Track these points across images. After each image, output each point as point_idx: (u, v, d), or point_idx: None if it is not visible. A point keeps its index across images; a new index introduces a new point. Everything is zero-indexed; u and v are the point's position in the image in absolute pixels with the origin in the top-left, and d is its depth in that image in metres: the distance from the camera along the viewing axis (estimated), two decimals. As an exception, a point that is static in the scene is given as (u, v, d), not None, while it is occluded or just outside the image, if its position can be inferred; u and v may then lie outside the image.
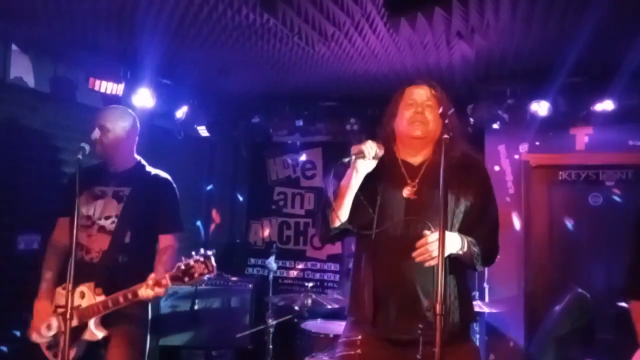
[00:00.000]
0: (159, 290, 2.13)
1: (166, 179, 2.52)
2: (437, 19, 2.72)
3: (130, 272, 2.25)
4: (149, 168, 2.54)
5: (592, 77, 3.62)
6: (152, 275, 2.15)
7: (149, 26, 2.87)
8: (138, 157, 2.54)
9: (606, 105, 3.65)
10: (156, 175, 2.51)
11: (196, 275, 2.09)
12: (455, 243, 1.77)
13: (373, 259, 1.90)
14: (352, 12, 2.70)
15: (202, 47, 3.24)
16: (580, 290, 3.55)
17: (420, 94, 1.95)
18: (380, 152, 1.89)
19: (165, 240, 2.43)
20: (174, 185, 2.52)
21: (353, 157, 1.85)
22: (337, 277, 5.10)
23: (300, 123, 4.54)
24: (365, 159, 1.85)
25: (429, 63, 3.44)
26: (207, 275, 2.11)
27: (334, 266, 5.13)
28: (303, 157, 5.33)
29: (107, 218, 2.36)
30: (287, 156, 5.38)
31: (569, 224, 4.33)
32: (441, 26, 2.82)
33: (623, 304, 3.33)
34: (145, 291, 2.12)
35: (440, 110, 1.86)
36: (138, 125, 2.54)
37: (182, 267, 2.09)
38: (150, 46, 3.16)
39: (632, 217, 4.06)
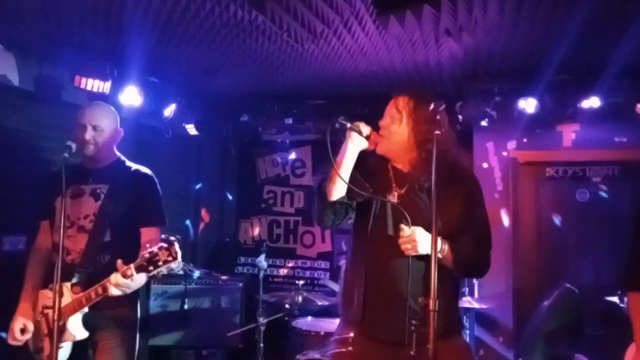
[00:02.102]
0: (123, 280, 2.04)
1: (146, 174, 2.46)
2: (426, 16, 2.73)
3: (114, 270, 2.20)
4: (129, 163, 2.48)
5: (579, 75, 3.65)
6: (118, 266, 2.09)
7: (136, 24, 2.84)
8: (118, 154, 2.50)
9: (592, 102, 3.69)
10: (136, 171, 2.45)
11: (160, 263, 2.00)
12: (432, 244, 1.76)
13: (364, 259, 1.91)
14: (341, 9, 2.69)
15: (190, 45, 3.22)
16: (568, 285, 3.58)
17: (389, 108, 1.97)
18: (375, 137, 1.92)
19: (148, 234, 2.36)
20: (155, 180, 2.47)
21: (348, 125, 1.87)
22: (327, 274, 5.11)
23: (289, 121, 4.53)
24: (361, 135, 1.88)
25: (418, 61, 3.45)
26: (172, 263, 2.01)
27: (324, 264, 5.13)
28: (292, 156, 5.32)
29: (85, 217, 2.31)
30: (277, 154, 5.37)
31: (557, 220, 4.37)
32: (430, 24, 2.83)
33: (611, 299, 3.39)
34: (112, 283, 2.06)
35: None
36: (119, 122, 2.50)
37: (147, 255, 2.02)
38: (138, 44, 3.13)
39: (618, 212, 4.13)
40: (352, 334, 1.91)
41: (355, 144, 1.90)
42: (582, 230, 4.28)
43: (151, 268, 2.02)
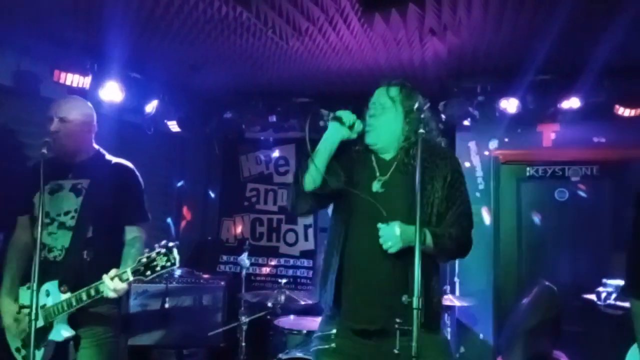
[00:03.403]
0: (121, 285, 2.02)
1: (128, 167, 2.41)
2: (410, 15, 2.74)
3: (98, 267, 2.15)
4: (109, 157, 2.43)
5: (559, 76, 3.71)
6: (114, 270, 2.06)
7: (117, 18, 2.79)
8: (97, 147, 2.44)
9: (572, 103, 3.75)
10: (117, 164, 2.40)
11: (158, 268, 1.99)
12: (414, 237, 1.75)
13: (341, 252, 1.90)
14: (326, 7, 2.69)
15: (173, 41, 3.18)
16: (547, 283, 3.64)
17: (380, 97, 1.96)
18: (358, 127, 1.89)
19: (132, 232, 2.32)
20: (137, 174, 2.42)
21: (331, 115, 1.87)
22: (310, 273, 5.10)
23: (273, 119, 4.51)
24: (342, 124, 1.86)
25: (402, 59, 3.46)
26: (170, 268, 2.01)
27: (307, 262, 5.12)
28: (276, 154, 5.30)
29: (66, 214, 2.26)
30: (260, 152, 5.34)
31: (537, 218, 4.44)
32: (415, 23, 2.84)
33: (589, 296, 3.45)
34: (107, 286, 2.03)
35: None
36: (95, 115, 2.44)
37: (144, 260, 2.00)
38: (119, 39, 3.08)
39: (596, 211, 4.21)
40: (334, 331, 1.90)
41: (336, 134, 1.89)
42: (561, 228, 4.35)
43: (148, 273, 2.01)
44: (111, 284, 2.02)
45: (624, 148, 4.02)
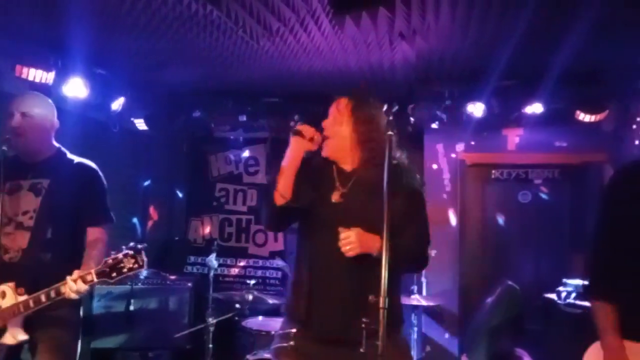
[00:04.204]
0: (83, 287, 1.97)
1: (91, 167, 2.35)
2: (381, 18, 2.77)
3: (56, 269, 2.09)
4: (70, 156, 2.36)
5: (523, 81, 3.82)
6: (76, 271, 2.01)
7: (82, 13, 2.72)
8: (58, 145, 2.37)
9: (535, 108, 3.87)
10: (80, 164, 2.34)
11: (125, 270, 1.96)
12: (373, 244, 1.79)
13: (307, 261, 1.94)
14: (298, 7, 2.69)
15: (140, 37, 3.12)
16: (510, 282, 3.74)
17: (331, 110, 2.00)
18: (318, 138, 1.94)
19: (94, 233, 2.26)
20: (100, 174, 2.36)
21: (292, 131, 1.92)
22: (280, 274, 5.09)
23: (243, 118, 4.48)
24: (304, 139, 1.91)
25: (372, 62, 3.50)
26: (137, 271, 1.99)
27: (276, 263, 5.10)
28: (246, 153, 5.26)
29: (24, 214, 2.19)
30: (230, 152, 5.29)
31: (501, 220, 4.55)
32: (385, 26, 2.87)
33: (550, 295, 3.56)
34: (68, 288, 1.98)
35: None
36: (56, 113, 2.37)
37: (110, 261, 1.96)
38: (84, 34, 3.00)
39: (557, 213, 4.35)
40: (294, 329, 1.92)
41: (298, 148, 1.93)
42: (524, 229, 4.48)
43: (114, 275, 1.97)
44: (74, 286, 1.96)
45: (584, 152, 4.17)
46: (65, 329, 2.22)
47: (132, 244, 2.00)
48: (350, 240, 1.78)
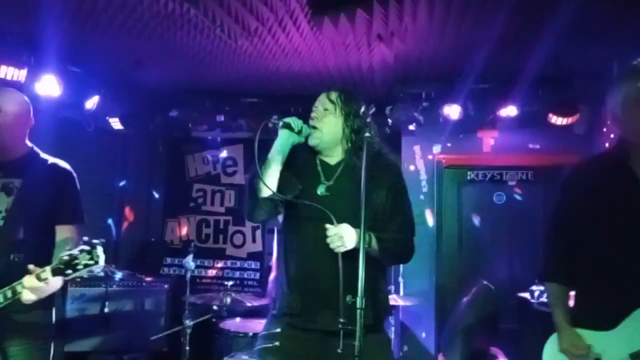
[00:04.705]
0: (37, 284, 1.91)
1: (64, 169, 2.30)
2: (359, 20, 2.79)
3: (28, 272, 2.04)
4: (44, 156, 2.31)
5: (498, 85, 3.89)
6: (31, 267, 1.94)
7: (56, 9, 2.67)
8: (30, 144, 2.31)
9: (510, 111, 3.94)
10: (53, 164, 2.28)
11: (80, 267, 1.89)
12: (358, 239, 1.81)
13: (292, 255, 1.94)
14: (276, 8, 2.69)
15: (117, 35, 3.07)
16: (485, 282, 3.80)
17: (322, 100, 2.03)
18: (306, 131, 1.96)
19: (63, 232, 2.20)
20: (74, 175, 2.31)
21: (281, 123, 1.92)
22: (258, 275, 5.07)
23: (221, 118, 4.45)
24: (292, 131, 1.93)
25: (351, 63, 3.52)
26: (93, 268, 1.91)
27: (254, 264, 5.08)
28: (224, 154, 5.23)
29: None
30: (207, 152, 5.25)
31: (476, 220, 4.62)
32: (363, 28, 2.89)
33: (523, 295, 3.63)
34: (24, 286, 1.92)
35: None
36: (31, 109, 2.32)
37: (65, 257, 1.90)
38: (58, 31, 2.94)
39: (531, 214, 4.44)
40: (279, 330, 1.92)
41: (286, 140, 1.95)
42: (499, 230, 4.56)
43: (69, 272, 1.90)
44: (27, 282, 1.91)
45: (557, 154, 4.26)
46: (36, 334, 2.16)
47: (86, 238, 1.94)
48: (339, 236, 1.78)
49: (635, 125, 1.70)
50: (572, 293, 1.91)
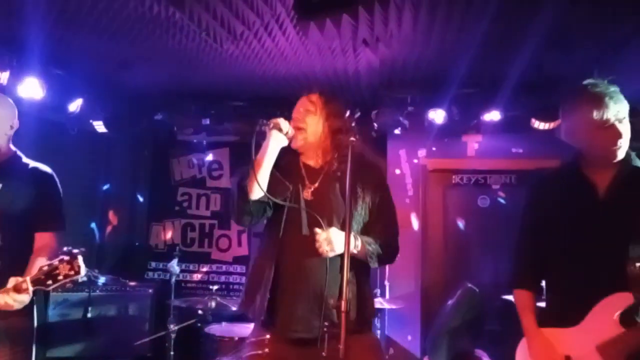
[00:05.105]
0: (19, 297, 1.90)
1: (46, 172, 2.27)
2: (344, 25, 2.80)
3: (7, 278, 2.01)
4: (26, 160, 2.28)
5: (481, 89, 3.94)
6: (12, 279, 1.92)
7: (39, 10, 2.63)
8: (14, 149, 2.28)
9: (493, 115, 3.99)
10: (35, 169, 2.26)
11: (61, 277, 1.89)
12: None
13: (275, 259, 1.92)
14: (262, 12, 2.69)
15: (101, 38, 3.04)
16: (470, 285, 3.84)
17: (303, 102, 2.05)
18: (292, 133, 1.97)
19: (42, 239, 2.18)
20: (56, 180, 2.29)
21: (271, 124, 1.93)
22: (244, 279, 5.04)
23: (207, 122, 4.42)
24: (280, 133, 1.93)
25: (337, 68, 3.53)
26: (74, 278, 1.91)
27: (240, 268, 5.06)
28: (210, 157, 5.20)
29: None
30: (193, 155, 5.22)
31: (461, 224, 4.67)
32: (348, 32, 2.91)
33: (507, 297, 3.67)
34: (3, 298, 1.89)
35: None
36: (16, 112, 2.29)
37: (46, 268, 1.89)
38: (41, 33, 2.91)
39: (514, 217, 4.49)
40: (268, 336, 1.90)
41: (276, 142, 1.94)
42: (483, 233, 4.61)
43: (50, 282, 1.89)
44: (5, 295, 1.88)
45: (539, 158, 4.33)
46: (17, 340, 2.12)
47: (66, 248, 1.93)
48: (328, 241, 1.79)
49: (596, 145, 1.79)
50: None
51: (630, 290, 1.70)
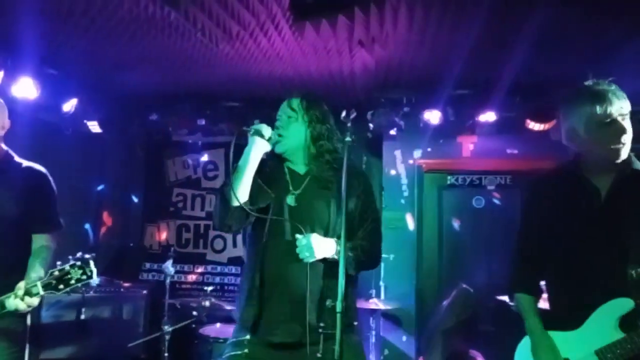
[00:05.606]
0: (30, 301, 1.90)
1: (40, 172, 2.25)
2: (340, 26, 2.81)
3: (2, 279, 1.99)
4: (19, 159, 2.26)
5: (477, 91, 3.96)
6: (22, 284, 1.93)
7: (34, 11, 2.62)
8: (6, 148, 2.26)
9: (488, 116, 4.01)
10: (29, 168, 2.23)
11: (72, 282, 1.90)
12: (329, 248, 1.84)
13: (260, 264, 1.92)
14: (258, 12, 2.69)
15: (96, 38, 3.03)
16: (464, 285, 3.85)
17: (284, 109, 2.04)
18: (275, 138, 1.96)
19: (40, 241, 2.17)
20: (50, 179, 2.27)
21: (252, 130, 1.91)
22: (238, 280, 5.03)
23: (202, 122, 4.41)
24: (262, 139, 1.92)
25: (332, 68, 3.53)
26: (86, 282, 1.93)
27: (235, 269, 5.05)
28: (205, 158, 5.19)
29: None
30: (188, 156, 5.20)
31: (456, 224, 4.68)
32: (344, 33, 2.91)
33: (502, 298, 3.67)
34: (14, 302, 1.90)
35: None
36: (7, 112, 2.26)
37: (57, 273, 1.90)
38: (36, 32, 2.90)
39: (509, 218, 4.51)
40: (247, 337, 1.91)
41: (258, 148, 1.93)
42: (478, 234, 4.61)
43: (61, 287, 1.90)
44: (22, 302, 1.89)
45: (534, 159, 4.34)
46: (10, 341, 2.11)
47: (79, 254, 1.95)
48: (308, 247, 1.79)
49: (598, 145, 1.75)
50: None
51: (631, 296, 1.70)
